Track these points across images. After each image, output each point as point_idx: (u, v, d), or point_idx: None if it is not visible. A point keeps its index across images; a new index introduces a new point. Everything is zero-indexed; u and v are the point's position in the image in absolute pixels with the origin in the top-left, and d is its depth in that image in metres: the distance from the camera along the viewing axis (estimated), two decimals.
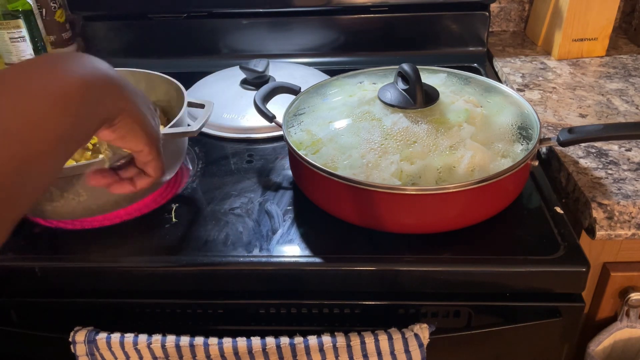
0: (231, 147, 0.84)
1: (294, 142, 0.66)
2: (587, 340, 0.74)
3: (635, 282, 0.71)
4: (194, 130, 0.66)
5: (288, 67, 1.03)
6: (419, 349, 0.59)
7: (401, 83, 0.68)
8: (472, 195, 0.59)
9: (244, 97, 0.92)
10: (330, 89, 0.77)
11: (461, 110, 0.67)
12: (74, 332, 0.62)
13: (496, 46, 1.13)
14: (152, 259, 0.64)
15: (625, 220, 0.65)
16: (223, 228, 0.66)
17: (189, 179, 0.76)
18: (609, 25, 1.02)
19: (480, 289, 0.62)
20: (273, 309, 0.64)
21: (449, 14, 1.07)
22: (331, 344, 0.59)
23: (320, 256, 0.62)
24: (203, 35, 1.11)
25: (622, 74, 0.98)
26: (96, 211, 0.66)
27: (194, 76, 1.01)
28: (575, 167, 0.72)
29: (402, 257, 0.61)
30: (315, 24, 1.09)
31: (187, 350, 0.60)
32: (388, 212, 0.60)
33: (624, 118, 0.84)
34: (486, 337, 0.63)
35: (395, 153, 0.62)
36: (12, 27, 0.94)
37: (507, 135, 0.65)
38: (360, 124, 0.66)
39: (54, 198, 0.63)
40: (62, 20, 1.14)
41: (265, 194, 0.72)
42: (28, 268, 0.63)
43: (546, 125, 0.82)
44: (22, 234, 0.68)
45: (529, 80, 0.98)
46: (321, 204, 0.66)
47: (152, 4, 1.07)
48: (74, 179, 0.62)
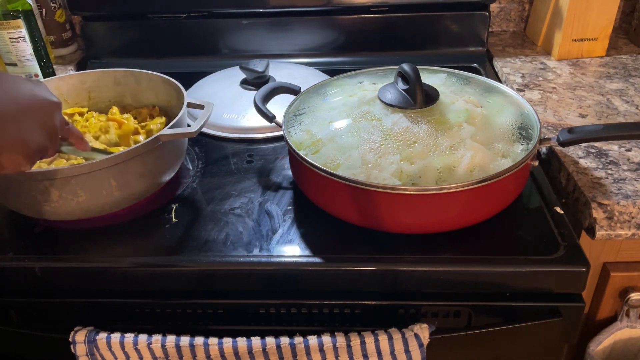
0: (231, 147, 0.84)
1: (294, 142, 0.66)
2: (587, 340, 0.74)
3: (635, 282, 0.71)
4: (193, 131, 0.66)
5: (288, 67, 1.03)
6: (419, 349, 0.59)
7: (401, 83, 0.68)
8: (472, 195, 0.59)
9: (244, 97, 0.92)
10: (330, 89, 0.77)
11: (461, 110, 0.67)
12: (74, 332, 0.62)
13: (496, 46, 1.13)
14: (152, 259, 0.64)
15: (625, 220, 0.65)
16: (223, 228, 0.66)
17: (189, 179, 0.76)
18: (609, 26, 1.02)
19: (480, 289, 0.62)
20: (273, 309, 0.64)
21: (449, 14, 1.07)
22: (331, 344, 0.59)
23: (320, 256, 0.62)
24: (203, 35, 1.11)
25: (622, 74, 0.98)
26: (95, 211, 0.66)
27: (194, 76, 1.01)
28: (575, 167, 0.72)
29: (402, 257, 0.61)
30: (315, 24, 1.09)
31: (187, 350, 0.60)
32: (388, 212, 0.60)
33: (624, 118, 0.84)
34: (486, 337, 0.63)
35: (395, 153, 0.62)
36: (12, 27, 0.94)
37: (507, 135, 0.65)
38: (360, 124, 0.66)
39: (52, 198, 0.63)
40: (62, 20, 1.14)
41: (265, 194, 0.72)
42: (28, 268, 0.63)
43: (546, 125, 0.82)
44: (22, 234, 0.68)
45: (529, 80, 0.98)
46: (321, 204, 0.66)
47: (152, 4, 1.07)
48: (72, 179, 0.62)
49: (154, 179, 0.69)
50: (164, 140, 0.65)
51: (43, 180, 0.61)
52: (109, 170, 0.63)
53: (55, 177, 0.61)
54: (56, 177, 0.61)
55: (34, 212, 0.66)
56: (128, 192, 0.66)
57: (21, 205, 0.66)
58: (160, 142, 0.65)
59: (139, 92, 0.83)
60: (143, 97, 0.83)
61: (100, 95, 0.84)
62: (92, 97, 0.84)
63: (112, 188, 0.64)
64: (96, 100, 0.84)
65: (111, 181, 0.64)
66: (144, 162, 0.66)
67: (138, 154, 0.64)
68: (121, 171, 0.64)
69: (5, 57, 0.98)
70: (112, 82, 0.84)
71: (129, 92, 0.84)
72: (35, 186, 0.62)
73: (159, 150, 0.67)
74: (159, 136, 0.65)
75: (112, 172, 0.63)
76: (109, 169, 0.63)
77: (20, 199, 0.65)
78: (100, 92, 0.84)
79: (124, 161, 0.63)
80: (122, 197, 0.66)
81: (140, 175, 0.67)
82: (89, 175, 0.62)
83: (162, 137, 0.65)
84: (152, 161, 0.67)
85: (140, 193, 0.68)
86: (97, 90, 0.84)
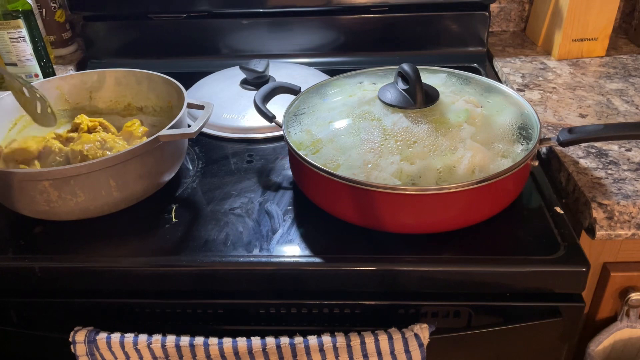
0: (231, 147, 0.84)
1: (294, 142, 0.66)
2: (587, 340, 0.74)
3: (635, 282, 0.71)
4: (193, 132, 0.66)
5: (288, 67, 1.03)
6: (419, 349, 0.59)
7: (401, 83, 0.68)
8: (472, 195, 0.59)
9: (244, 97, 0.92)
10: (330, 89, 0.77)
11: (461, 110, 0.67)
12: (74, 332, 0.62)
13: (496, 46, 1.13)
14: (152, 259, 0.64)
15: (625, 220, 0.65)
16: (223, 228, 0.66)
17: (189, 179, 0.76)
18: (609, 25, 1.02)
19: (480, 289, 0.62)
20: (273, 309, 0.64)
21: (449, 14, 1.08)
22: (331, 344, 0.59)
23: (320, 256, 0.62)
24: (203, 35, 1.11)
25: (622, 74, 0.98)
26: (94, 212, 0.66)
27: (194, 76, 1.01)
28: (575, 167, 0.72)
29: (402, 257, 0.61)
30: (315, 24, 1.09)
31: (187, 350, 0.60)
32: (388, 212, 0.60)
33: (624, 118, 0.84)
34: (486, 337, 0.63)
35: (395, 153, 0.62)
36: (12, 27, 0.94)
37: (507, 136, 0.65)
38: (360, 124, 0.66)
39: (51, 199, 0.63)
40: (62, 20, 1.14)
41: (265, 194, 0.72)
42: (28, 268, 0.63)
43: (546, 125, 0.82)
44: (22, 234, 0.68)
45: (529, 80, 0.98)
46: (321, 204, 0.66)
47: (152, 4, 1.07)
48: (71, 179, 0.62)
49: (153, 179, 0.69)
50: (164, 140, 0.65)
51: (42, 180, 0.61)
52: (108, 171, 0.63)
53: (55, 177, 0.61)
54: (55, 177, 0.61)
55: (33, 212, 0.66)
56: (127, 193, 0.66)
57: (21, 206, 0.66)
58: (160, 143, 0.65)
59: (140, 92, 0.83)
60: (144, 98, 0.83)
61: (101, 95, 0.84)
62: (93, 97, 0.84)
63: (111, 188, 0.64)
64: (97, 100, 0.84)
65: (110, 181, 0.64)
66: (143, 163, 0.66)
67: (137, 154, 0.64)
68: (120, 171, 0.64)
69: (5, 57, 0.98)
70: (113, 82, 0.84)
71: (130, 92, 0.84)
72: (35, 186, 0.62)
73: (158, 150, 0.67)
74: (158, 136, 0.65)
75: (111, 173, 0.63)
76: (107, 170, 0.63)
77: (20, 199, 0.65)
78: (101, 92, 0.84)
79: (122, 162, 0.63)
80: (121, 198, 0.66)
81: (140, 175, 0.67)
82: (88, 176, 0.62)
83: (162, 137, 0.65)
84: (151, 162, 0.67)
85: (140, 194, 0.68)
86: (98, 90, 0.84)
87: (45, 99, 0.72)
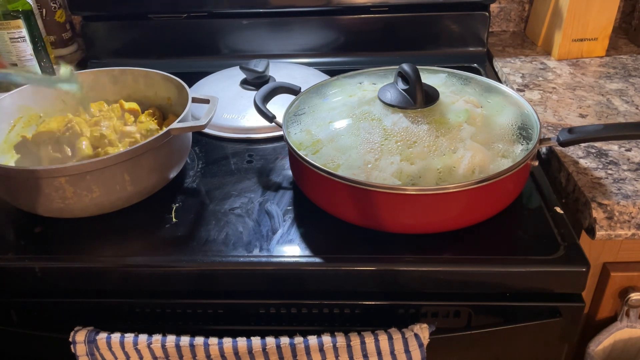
0: (231, 147, 0.84)
1: (294, 142, 0.66)
2: (587, 340, 0.74)
3: (635, 282, 0.71)
4: (203, 124, 0.67)
5: (288, 67, 1.03)
6: (419, 349, 0.59)
7: (401, 83, 0.68)
8: (472, 195, 0.59)
9: (244, 97, 0.92)
10: (330, 89, 0.77)
11: (461, 110, 0.67)
12: (74, 332, 0.62)
13: (496, 46, 1.13)
14: (152, 259, 0.64)
15: (625, 220, 0.65)
16: (223, 228, 0.66)
17: (189, 179, 0.76)
18: (609, 26, 1.02)
19: (480, 289, 0.62)
20: (273, 309, 0.64)
21: (449, 14, 1.07)
22: (331, 344, 0.59)
23: (320, 256, 0.62)
24: (203, 35, 1.11)
25: (622, 74, 0.98)
26: (108, 207, 0.67)
27: (193, 76, 1.01)
28: (575, 167, 0.72)
29: (402, 257, 0.61)
30: (315, 24, 1.09)
31: (187, 350, 0.60)
32: (388, 212, 0.61)
33: (624, 118, 0.84)
34: (486, 337, 0.63)
35: (395, 153, 0.62)
36: (12, 27, 0.94)
37: (507, 136, 0.65)
38: (360, 124, 0.66)
39: (67, 195, 0.63)
40: (62, 20, 1.14)
41: (265, 194, 0.72)
42: (28, 268, 0.63)
43: (546, 125, 0.82)
44: (22, 233, 0.68)
45: (529, 80, 0.98)
46: (321, 204, 0.66)
47: (152, 4, 1.07)
48: (87, 175, 0.62)
49: (163, 173, 0.70)
50: (175, 134, 0.66)
51: (58, 176, 0.61)
52: (123, 165, 0.64)
53: (70, 173, 0.61)
54: (71, 173, 0.61)
55: (47, 210, 0.66)
56: (140, 187, 0.67)
57: (35, 204, 0.66)
58: (171, 136, 0.66)
59: (138, 90, 0.83)
60: (142, 95, 0.83)
61: (98, 94, 0.84)
62: (90, 96, 0.84)
63: (126, 183, 0.65)
64: (95, 99, 0.84)
65: (125, 176, 0.65)
66: (155, 157, 0.67)
67: (150, 148, 0.65)
68: (134, 165, 0.65)
69: (5, 57, 0.98)
70: (109, 80, 0.84)
71: (127, 90, 0.84)
72: (51, 183, 0.62)
73: (168, 144, 0.68)
74: (169, 130, 0.66)
75: (125, 167, 0.64)
76: (122, 164, 0.63)
77: (35, 197, 0.64)
78: (99, 91, 0.84)
79: (137, 155, 0.64)
80: (134, 192, 0.67)
81: (152, 169, 0.67)
82: (103, 171, 0.63)
83: (173, 130, 0.66)
84: (162, 155, 0.68)
85: (151, 188, 0.69)
86: (95, 90, 0.84)
87: (66, 66, 0.74)
